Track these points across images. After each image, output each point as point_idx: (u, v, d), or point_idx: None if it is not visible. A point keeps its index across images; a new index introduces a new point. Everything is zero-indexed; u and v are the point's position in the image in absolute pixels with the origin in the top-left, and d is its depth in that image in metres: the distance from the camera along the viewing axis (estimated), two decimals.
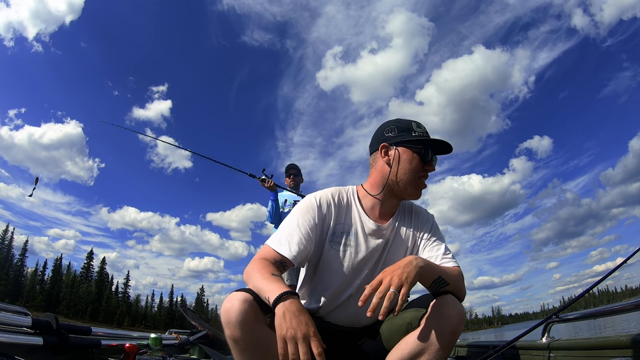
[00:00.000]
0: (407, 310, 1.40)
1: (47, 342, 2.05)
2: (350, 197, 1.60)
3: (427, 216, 1.67)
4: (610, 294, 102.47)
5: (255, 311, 1.21)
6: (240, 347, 1.20)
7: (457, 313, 1.27)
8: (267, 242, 1.44)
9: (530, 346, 2.40)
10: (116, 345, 2.43)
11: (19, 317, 2.02)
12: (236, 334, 1.17)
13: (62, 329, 2.15)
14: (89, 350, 2.29)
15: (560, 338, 2.28)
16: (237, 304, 1.19)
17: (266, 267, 1.32)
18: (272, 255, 1.40)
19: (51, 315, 2.16)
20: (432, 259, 1.49)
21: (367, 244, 1.54)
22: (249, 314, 1.19)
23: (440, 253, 1.53)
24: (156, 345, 2.51)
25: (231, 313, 1.17)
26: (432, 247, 1.56)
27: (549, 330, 2.34)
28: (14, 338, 1.94)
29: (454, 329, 1.26)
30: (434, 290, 1.35)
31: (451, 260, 1.50)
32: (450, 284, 1.36)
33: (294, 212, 1.53)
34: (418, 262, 1.26)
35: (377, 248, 1.55)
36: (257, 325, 1.21)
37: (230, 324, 1.17)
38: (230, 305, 1.19)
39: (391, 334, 1.43)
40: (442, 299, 1.31)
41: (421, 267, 1.25)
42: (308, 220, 1.49)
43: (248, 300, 1.20)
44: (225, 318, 1.19)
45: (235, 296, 1.21)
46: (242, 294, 1.22)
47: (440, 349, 1.27)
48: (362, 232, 1.55)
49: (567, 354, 2.14)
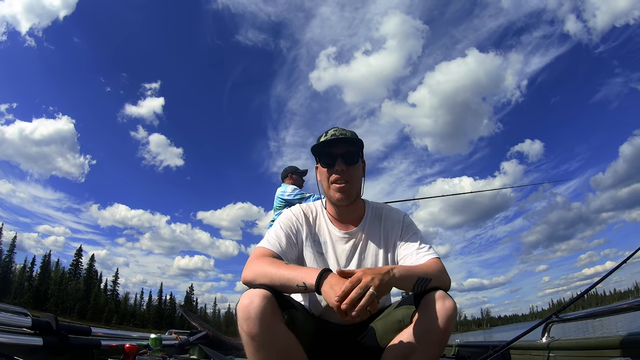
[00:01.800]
0: (399, 308, 1.42)
1: (47, 342, 2.02)
2: (318, 209, 1.72)
3: (397, 215, 1.69)
4: (599, 297, 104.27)
5: (274, 308, 1.22)
6: (256, 344, 1.20)
7: (448, 308, 1.28)
8: (258, 245, 1.54)
9: (530, 346, 2.43)
10: (116, 346, 2.41)
11: (19, 318, 1.99)
12: (254, 330, 1.18)
13: (62, 330, 2.12)
14: (89, 350, 2.27)
15: (560, 338, 2.31)
16: (257, 300, 1.19)
17: (277, 261, 1.39)
18: (268, 253, 1.46)
19: (51, 316, 2.13)
20: (408, 257, 1.53)
21: (337, 250, 1.63)
22: (269, 311, 1.20)
23: (414, 249, 1.56)
24: (156, 345, 2.49)
25: (251, 309, 1.18)
26: (406, 244, 1.59)
27: (549, 330, 2.37)
28: (14, 338, 1.91)
29: (446, 325, 1.26)
30: (418, 291, 1.36)
31: (427, 254, 1.52)
32: (432, 279, 1.36)
33: (276, 221, 1.67)
34: (394, 272, 1.28)
35: (347, 253, 1.63)
36: (276, 323, 1.22)
37: (250, 320, 1.18)
38: (249, 301, 1.19)
39: (384, 331, 1.45)
40: (431, 295, 1.31)
41: (397, 278, 1.27)
42: (289, 226, 1.63)
43: (267, 297, 1.22)
44: (244, 314, 1.19)
45: (254, 292, 1.22)
46: (261, 291, 1.23)
47: (433, 345, 1.28)
48: (330, 240, 1.65)
49: (567, 353, 2.17)
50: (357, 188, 1.64)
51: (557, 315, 2.35)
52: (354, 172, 1.60)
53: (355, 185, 1.62)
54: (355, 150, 1.60)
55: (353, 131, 1.66)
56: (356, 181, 1.62)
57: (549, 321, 2.36)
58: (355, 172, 1.61)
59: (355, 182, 1.61)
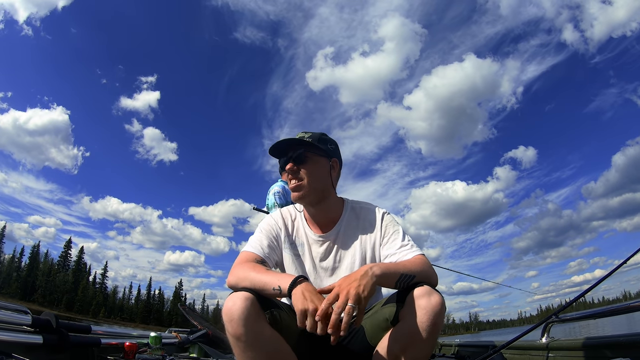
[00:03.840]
0: (386, 306, 1.41)
1: (47, 340, 1.99)
2: (296, 213, 1.77)
3: (375, 214, 1.69)
4: (587, 305, 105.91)
5: (256, 309, 1.26)
6: (242, 345, 1.23)
7: (434, 303, 1.25)
8: (242, 250, 1.59)
9: (529, 346, 2.45)
10: (116, 344, 2.38)
11: (19, 316, 1.95)
12: (239, 331, 1.21)
13: (62, 328, 2.09)
14: (89, 348, 2.24)
15: (560, 338, 2.33)
16: (239, 302, 1.23)
17: (258, 266, 1.44)
18: (252, 257, 1.51)
19: (51, 314, 2.10)
20: (390, 256, 1.54)
21: (313, 252, 1.67)
22: (251, 312, 1.23)
23: (396, 247, 1.56)
24: (156, 344, 2.47)
25: (234, 311, 1.22)
26: (388, 243, 1.60)
27: (549, 330, 2.39)
28: (14, 336, 1.88)
29: (434, 321, 1.24)
30: (401, 288, 1.35)
31: (410, 251, 1.52)
32: (416, 275, 1.36)
33: (258, 227, 1.73)
34: (374, 270, 1.28)
35: (323, 255, 1.66)
36: (259, 323, 1.26)
37: (233, 322, 1.21)
38: (232, 303, 1.23)
39: (373, 330, 1.44)
40: (416, 291, 1.28)
41: (377, 276, 1.27)
42: (269, 230, 1.68)
43: (249, 299, 1.25)
44: (228, 316, 1.23)
45: (237, 295, 1.26)
46: (243, 293, 1.27)
47: (423, 343, 1.26)
48: (307, 242, 1.68)
49: (567, 354, 2.18)
50: (318, 187, 1.62)
51: (557, 315, 2.36)
52: (308, 171, 1.60)
53: (313, 184, 1.61)
54: (304, 151, 1.61)
55: (322, 133, 1.70)
56: (314, 180, 1.61)
57: (548, 321, 2.37)
58: (311, 171, 1.61)
59: (312, 180, 1.60)
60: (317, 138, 1.65)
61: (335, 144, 1.73)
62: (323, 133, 1.71)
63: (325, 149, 1.66)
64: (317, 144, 1.63)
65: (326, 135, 1.71)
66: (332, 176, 1.68)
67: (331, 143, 1.70)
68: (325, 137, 1.70)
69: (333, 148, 1.70)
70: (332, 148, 1.69)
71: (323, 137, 1.68)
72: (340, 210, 1.71)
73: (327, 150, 1.67)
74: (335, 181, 1.71)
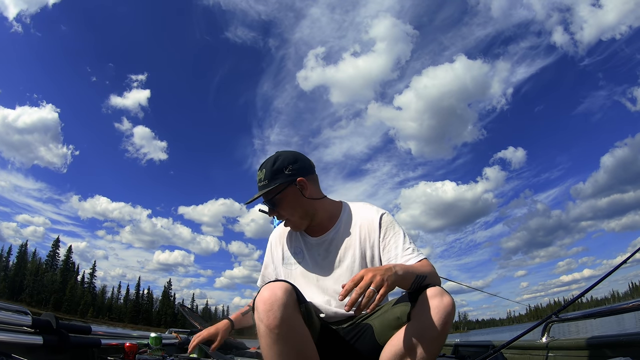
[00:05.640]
0: (397, 305, 1.43)
1: (47, 341, 1.96)
2: None
3: (374, 214, 1.69)
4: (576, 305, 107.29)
5: (294, 300, 1.27)
6: (274, 337, 1.22)
7: (446, 304, 1.29)
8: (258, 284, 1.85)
9: (529, 346, 2.45)
10: (116, 345, 2.34)
11: (19, 316, 1.91)
12: (275, 322, 1.21)
13: (62, 328, 2.05)
14: (89, 349, 2.21)
15: (560, 338, 2.35)
16: (279, 292, 1.24)
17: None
18: None
19: (51, 315, 2.07)
20: (392, 259, 1.55)
21: (312, 256, 1.70)
22: (290, 303, 1.24)
23: (399, 251, 1.58)
24: (156, 344, 2.44)
25: (274, 300, 1.22)
26: (390, 245, 1.60)
27: (549, 330, 2.40)
28: (14, 337, 1.84)
29: (445, 321, 1.27)
30: (414, 289, 1.38)
31: (413, 256, 1.55)
32: (427, 277, 1.40)
33: None
34: (397, 269, 1.30)
35: (322, 258, 1.68)
36: (295, 315, 1.27)
37: (272, 311, 1.21)
38: (272, 293, 1.23)
39: (382, 328, 1.46)
40: (429, 292, 1.32)
41: (400, 275, 1.30)
42: (269, 254, 1.84)
43: (289, 290, 1.26)
44: (268, 305, 1.22)
45: (276, 285, 1.27)
46: (283, 284, 1.28)
47: (432, 341, 1.29)
48: (305, 248, 1.71)
49: (567, 353, 2.19)
50: (300, 213, 1.65)
51: (556, 315, 2.36)
52: (284, 209, 1.64)
53: (295, 215, 1.65)
54: (271, 198, 1.62)
55: (276, 157, 1.64)
56: (293, 213, 1.64)
57: (548, 321, 2.37)
58: (285, 207, 1.63)
59: (291, 214, 1.65)
60: (272, 172, 1.60)
61: (292, 161, 1.64)
62: (277, 157, 1.64)
63: (284, 179, 1.60)
64: (275, 180, 1.59)
65: (279, 159, 1.63)
66: (306, 195, 1.63)
67: (287, 165, 1.61)
68: (279, 163, 1.61)
69: (292, 170, 1.61)
70: (290, 172, 1.61)
71: (277, 166, 1.61)
72: (337, 212, 1.72)
73: (287, 178, 1.60)
74: (314, 194, 1.67)
